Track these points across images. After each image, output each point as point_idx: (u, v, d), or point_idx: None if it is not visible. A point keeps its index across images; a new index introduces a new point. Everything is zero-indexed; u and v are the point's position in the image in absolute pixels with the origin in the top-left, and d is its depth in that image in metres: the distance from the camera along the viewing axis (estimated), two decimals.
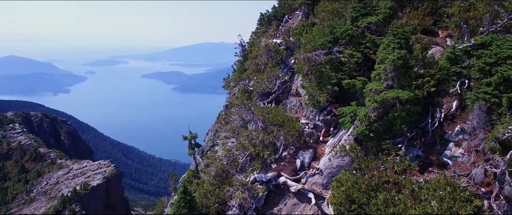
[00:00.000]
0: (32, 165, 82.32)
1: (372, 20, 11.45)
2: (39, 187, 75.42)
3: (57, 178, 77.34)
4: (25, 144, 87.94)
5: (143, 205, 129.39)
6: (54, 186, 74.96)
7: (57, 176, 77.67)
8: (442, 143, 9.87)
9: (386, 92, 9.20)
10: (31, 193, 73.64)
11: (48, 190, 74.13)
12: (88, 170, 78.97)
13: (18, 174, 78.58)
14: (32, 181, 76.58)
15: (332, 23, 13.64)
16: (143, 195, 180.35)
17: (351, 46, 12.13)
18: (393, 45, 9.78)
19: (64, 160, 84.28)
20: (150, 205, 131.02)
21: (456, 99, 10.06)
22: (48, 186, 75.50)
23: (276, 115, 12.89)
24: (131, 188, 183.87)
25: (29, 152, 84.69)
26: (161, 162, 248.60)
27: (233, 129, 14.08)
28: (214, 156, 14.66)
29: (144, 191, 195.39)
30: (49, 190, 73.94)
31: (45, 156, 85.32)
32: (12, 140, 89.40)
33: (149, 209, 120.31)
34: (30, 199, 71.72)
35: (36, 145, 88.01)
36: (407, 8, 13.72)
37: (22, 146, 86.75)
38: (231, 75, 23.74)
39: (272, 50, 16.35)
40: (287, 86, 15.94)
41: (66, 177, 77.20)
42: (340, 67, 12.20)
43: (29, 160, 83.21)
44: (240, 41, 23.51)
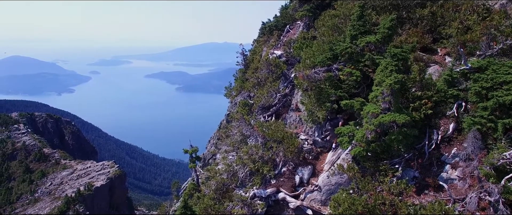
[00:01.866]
0: (36, 166, 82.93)
1: (371, 40, 11.54)
2: (44, 187, 75.99)
3: (61, 178, 77.89)
4: (29, 144, 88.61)
5: (147, 205, 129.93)
6: (58, 186, 75.50)
7: (61, 177, 78.22)
8: (439, 165, 9.95)
9: (383, 116, 9.31)
10: (36, 193, 74.23)
11: (52, 190, 74.68)
12: (92, 171, 79.46)
13: (23, 174, 79.23)
14: (36, 181, 77.19)
15: (332, 39, 13.74)
16: (147, 195, 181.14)
17: (350, 64, 12.24)
18: (390, 67, 9.88)
19: (68, 161, 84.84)
20: (153, 205, 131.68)
21: (453, 121, 10.14)
22: (52, 186, 76.04)
23: (275, 131, 13.03)
24: (135, 188, 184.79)
25: (33, 152, 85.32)
26: (164, 162, 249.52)
27: (233, 144, 14.24)
28: (215, 169, 14.83)
29: (148, 190, 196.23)
30: (54, 190, 74.49)
31: (49, 156, 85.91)
32: (16, 140, 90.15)
33: (152, 208, 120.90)
34: (34, 199, 72.33)
35: (41, 145, 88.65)
36: (406, 24, 13.78)
37: (26, 147, 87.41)
38: (233, 84, 23.88)
39: (273, 64, 16.50)
40: (287, 100, 16.06)
41: (70, 177, 77.73)
42: (339, 84, 12.31)
43: (33, 161, 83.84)
44: (242, 50, 23.64)
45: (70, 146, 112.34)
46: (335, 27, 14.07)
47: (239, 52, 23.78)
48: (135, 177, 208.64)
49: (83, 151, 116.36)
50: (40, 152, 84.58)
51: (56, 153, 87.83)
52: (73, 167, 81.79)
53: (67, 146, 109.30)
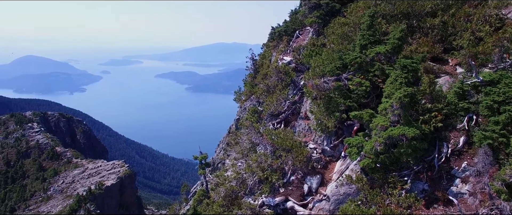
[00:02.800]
0: (49, 164, 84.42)
1: (380, 50, 11.51)
2: (56, 185, 77.30)
3: (72, 177, 79.14)
4: (42, 143, 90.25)
5: (156, 204, 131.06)
6: (70, 185, 76.71)
7: (72, 175, 79.46)
8: (449, 178, 9.87)
9: (392, 129, 9.29)
10: (48, 191, 75.59)
11: (64, 188, 75.93)
12: (102, 170, 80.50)
13: (36, 172, 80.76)
14: (49, 179, 78.60)
15: (341, 47, 13.73)
16: (156, 194, 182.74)
17: (360, 74, 12.22)
18: (400, 79, 9.85)
19: (79, 160, 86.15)
20: (162, 204, 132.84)
21: (464, 134, 10.05)
22: (64, 184, 77.32)
23: (284, 139, 13.10)
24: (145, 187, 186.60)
25: (46, 151, 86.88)
26: (173, 161, 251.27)
27: (242, 151, 14.36)
28: (224, 175, 14.96)
29: (157, 189, 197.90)
30: (65, 188, 75.73)
31: (61, 155, 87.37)
32: (30, 139, 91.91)
33: (161, 207, 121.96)
34: (47, 197, 73.65)
35: (53, 144, 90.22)
36: (417, 33, 13.66)
37: (40, 145, 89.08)
38: (242, 88, 24.00)
39: (282, 72, 16.57)
40: (296, 107, 16.11)
41: (81, 176, 78.90)
42: (348, 94, 12.30)
43: (46, 159, 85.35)
44: (251, 55, 23.73)
45: (82, 145, 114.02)
46: (344, 36, 14.05)
47: (248, 57, 23.90)
48: (145, 176, 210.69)
49: (94, 150, 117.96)
50: (52, 151, 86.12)
51: (68, 152, 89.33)
52: (84, 166, 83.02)
53: (79, 145, 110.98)
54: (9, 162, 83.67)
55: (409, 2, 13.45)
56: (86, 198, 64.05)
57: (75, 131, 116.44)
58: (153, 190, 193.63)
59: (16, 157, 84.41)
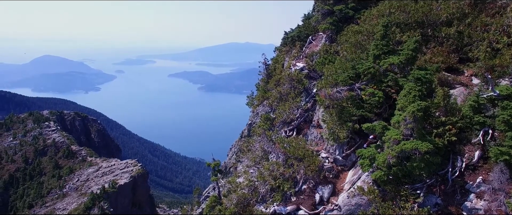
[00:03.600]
0: (64, 162, 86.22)
1: (394, 61, 11.42)
2: (71, 183, 78.86)
3: (87, 175, 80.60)
4: (59, 141, 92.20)
5: (168, 202, 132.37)
6: (85, 183, 78.18)
7: (87, 173, 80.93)
8: (463, 192, 9.74)
9: (405, 143, 9.24)
10: (64, 189, 77.21)
11: (79, 186, 77.41)
12: (116, 169, 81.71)
13: (53, 170, 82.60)
14: (64, 177, 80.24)
15: (355, 56, 13.68)
16: (168, 192, 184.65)
17: (373, 84, 12.16)
18: (414, 92, 9.78)
19: (94, 158, 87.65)
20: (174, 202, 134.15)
21: (479, 149, 9.90)
22: (79, 182, 78.84)
23: (297, 148, 13.14)
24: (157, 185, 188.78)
25: (62, 149, 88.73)
26: (186, 160, 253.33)
27: (255, 159, 14.46)
28: (236, 181, 15.09)
29: (169, 188, 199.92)
30: (80, 186, 77.21)
31: (76, 153, 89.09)
32: (47, 137, 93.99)
33: (173, 206, 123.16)
34: (63, 194, 75.20)
35: (69, 142, 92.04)
36: (431, 43, 13.47)
37: (56, 143, 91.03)
38: (255, 92, 24.11)
39: (295, 79, 16.60)
40: (309, 115, 16.11)
41: (95, 174, 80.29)
42: (361, 104, 12.26)
43: (62, 157, 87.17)
44: (264, 60, 23.81)
45: (96, 143, 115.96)
46: (358, 44, 13.98)
47: (261, 62, 24.00)
48: (157, 175, 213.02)
49: (107, 149, 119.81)
50: (68, 149, 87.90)
51: (83, 150, 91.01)
52: (98, 164, 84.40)
53: (93, 144, 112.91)
54: (27, 159, 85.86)
55: (424, 11, 13.27)
56: (100, 196, 65.19)
57: (89, 130, 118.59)
58: (165, 188, 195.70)
59: (33, 154, 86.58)
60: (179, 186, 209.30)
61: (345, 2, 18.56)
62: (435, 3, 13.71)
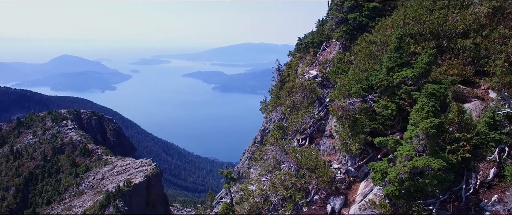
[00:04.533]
0: (81, 160, 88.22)
1: (407, 74, 11.36)
2: (87, 181, 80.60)
3: (103, 173, 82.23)
4: (76, 140, 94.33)
5: (181, 201, 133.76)
6: (100, 181, 79.81)
7: (103, 172, 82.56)
8: (477, 210, 9.61)
9: (417, 159, 9.21)
10: (80, 186, 79.01)
11: (95, 184, 79.09)
12: (131, 168, 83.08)
13: (70, 167, 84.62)
14: (81, 175, 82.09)
15: (368, 67, 13.64)
16: (181, 191, 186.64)
17: (386, 96, 12.11)
18: (427, 108, 9.72)
19: (109, 157, 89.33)
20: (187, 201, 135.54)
21: (494, 166, 9.75)
22: (95, 180, 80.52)
23: (309, 158, 13.20)
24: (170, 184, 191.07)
25: (79, 147, 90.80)
26: (199, 160, 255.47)
27: (267, 168, 14.59)
28: (248, 188, 15.25)
29: (183, 187, 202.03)
30: (96, 184, 78.88)
31: (92, 152, 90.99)
32: (65, 135, 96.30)
33: (186, 205, 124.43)
34: (79, 191, 76.99)
35: (85, 141, 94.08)
36: (447, 54, 13.29)
37: (73, 142, 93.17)
38: (268, 98, 24.24)
39: (308, 89, 16.64)
40: (321, 124, 16.14)
41: (111, 173, 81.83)
42: (374, 116, 12.23)
43: (79, 155, 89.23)
44: (278, 66, 23.91)
45: (111, 142, 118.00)
46: (371, 55, 13.93)
47: (274, 68, 24.11)
48: (171, 174, 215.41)
49: (123, 148, 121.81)
50: (84, 148, 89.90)
51: (99, 149, 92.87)
52: (113, 163, 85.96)
53: (109, 143, 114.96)
54: (46, 157, 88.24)
55: (439, 22, 13.11)
56: (115, 195, 66.42)
57: (105, 129, 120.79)
58: (179, 187, 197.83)
59: (52, 152, 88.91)
60: (192, 185, 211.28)
61: (359, 10, 18.50)
62: (451, 14, 13.52)
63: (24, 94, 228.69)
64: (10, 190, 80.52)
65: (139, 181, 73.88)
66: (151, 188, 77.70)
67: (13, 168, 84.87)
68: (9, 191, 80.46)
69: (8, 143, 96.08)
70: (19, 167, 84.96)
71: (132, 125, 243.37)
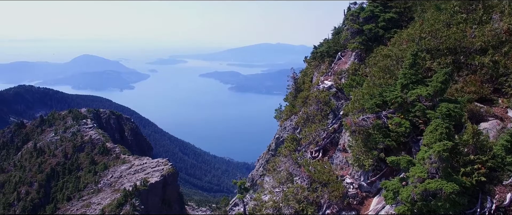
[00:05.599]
0: (100, 158, 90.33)
1: (422, 93, 11.26)
2: (106, 179, 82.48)
3: (120, 172, 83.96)
4: (95, 138, 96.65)
5: (197, 200, 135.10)
6: (118, 179, 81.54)
7: (120, 170, 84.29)
8: None
9: (429, 181, 9.15)
10: (99, 184, 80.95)
11: (113, 182, 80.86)
12: (147, 167, 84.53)
13: (89, 165, 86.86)
14: (99, 173, 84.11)
15: (382, 81, 13.57)
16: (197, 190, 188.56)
17: (400, 113, 12.05)
18: (441, 129, 9.63)
19: (127, 156, 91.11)
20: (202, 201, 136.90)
21: (511, 191, 9.57)
22: (113, 179, 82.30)
23: (322, 172, 13.27)
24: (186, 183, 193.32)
25: (98, 146, 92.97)
26: (215, 159, 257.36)
27: (280, 180, 14.73)
28: (261, 198, 15.43)
29: (198, 186, 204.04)
30: (114, 182, 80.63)
31: (111, 150, 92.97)
32: (84, 134, 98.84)
33: (202, 204, 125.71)
34: (98, 189, 78.90)
35: (104, 140, 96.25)
36: (464, 70, 13.06)
37: (92, 140, 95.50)
38: (282, 106, 24.36)
39: (322, 102, 16.68)
40: (335, 137, 16.15)
41: (128, 172, 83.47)
42: (387, 132, 12.18)
43: (98, 153, 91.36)
44: (293, 74, 23.99)
45: (129, 141, 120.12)
46: (386, 69, 13.84)
47: (290, 76, 24.21)
48: (187, 173, 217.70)
49: (140, 147, 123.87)
50: (103, 146, 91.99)
51: (117, 148, 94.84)
52: (131, 162, 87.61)
53: (126, 142, 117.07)
54: (67, 154, 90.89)
55: (457, 37, 12.91)
56: (132, 194, 67.78)
57: (123, 128, 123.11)
58: (194, 186, 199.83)
59: (72, 150, 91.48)
60: (207, 185, 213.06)
61: (375, 21, 18.36)
62: (469, 29, 13.28)
63: (47, 93, 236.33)
64: (34, 185, 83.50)
65: (156, 180, 75.09)
66: (167, 188, 78.85)
67: (36, 165, 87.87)
68: (32, 187, 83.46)
69: (32, 140, 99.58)
70: (41, 164, 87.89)
71: (149, 124, 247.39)
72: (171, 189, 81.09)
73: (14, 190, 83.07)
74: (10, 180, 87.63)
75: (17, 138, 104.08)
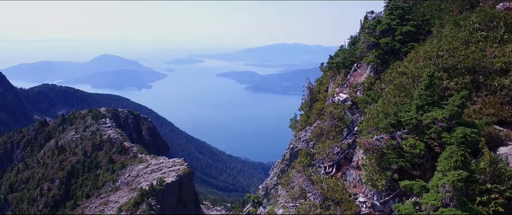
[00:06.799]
0: (118, 157, 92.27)
1: (437, 116, 11.08)
2: (123, 177, 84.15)
3: (137, 171, 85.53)
4: (113, 137, 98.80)
5: (212, 199, 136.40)
6: (135, 178, 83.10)
7: (137, 169, 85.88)
8: None
9: (443, 210, 9.04)
10: (116, 182, 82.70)
11: (130, 181, 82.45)
12: (164, 167, 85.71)
13: (107, 164, 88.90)
14: (117, 171, 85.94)
15: (398, 100, 13.43)
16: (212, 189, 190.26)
17: (415, 134, 11.91)
18: (456, 157, 9.48)
19: (144, 155, 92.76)
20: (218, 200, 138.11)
21: None
22: (130, 178, 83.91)
23: (334, 190, 13.27)
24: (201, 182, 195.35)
25: (116, 145, 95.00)
26: (230, 159, 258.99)
27: (293, 195, 14.81)
28: (274, 211, 15.54)
29: (213, 185, 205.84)
30: (131, 181, 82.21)
31: (128, 149, 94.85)
32: (103, 133, 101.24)
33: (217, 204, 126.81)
34: (115, 187, 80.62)
35: (122, 139, 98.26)
36: (483, 90, 12.74)
37: (111, 139, 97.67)
38: (297, 115, 24.38)
39: (337, 118, 16.63)
40: (349, 153, 16.09)
41: (144, 171, 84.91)
42: (402, 153, 12.06)
43: (115, 152, 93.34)
44: (308, 84, 23.98)
45: (146, 140, 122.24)
46: (402, 87, 13.69)
47: (305, 86, 24.22)
48: (203, 172, 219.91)
49: (156, 146, 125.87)
50: (121, 145, 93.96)
51: (134, 147, 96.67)
52: (148, 161, 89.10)
53: (143, 141, 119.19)
54: (86, 153, 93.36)
55: (475, 57, 12.63)
56: (148, 193, 68.95)
57: (141, 128, 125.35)
58: (210, 185, 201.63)
59: (91, 148, 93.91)
60: (223, 184, 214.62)
61: (392, 34, 18.14)
62: (489, 48, 12.96)
63: (68, 91, 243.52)
64: (55, 182, 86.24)
65: (171, 180, 76.05)
66: (183, 188, 79.76)
67: (58, 162, 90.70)
68: (54, 183, 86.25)
69: (53, 138, 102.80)
70: (62, 161, 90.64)
71: (166, 123, 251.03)
72: (186, 189, 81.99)
73: (37, 186, 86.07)
74: (33, 176, 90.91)
75: (40, 136, 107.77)
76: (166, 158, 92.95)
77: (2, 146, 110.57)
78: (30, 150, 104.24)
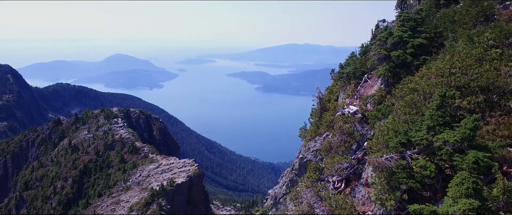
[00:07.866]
0: (129, 157, 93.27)
1: (449, 138, 10.90)
2: (134, 177, 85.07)
3: (148, 171, 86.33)
4: (125, 137, 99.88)
5: (222, 199, 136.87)
6: (146, 178, 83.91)
7: (148, 169, 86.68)
8: None
9: None
10: (128, 182, 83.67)
11: (141, 181, 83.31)
12: (174, 167, 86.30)
13: (119, 163, 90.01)
14: (129, 171, 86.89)
15: (408, 117, 13.25)
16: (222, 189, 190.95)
17: (425, 154, 11.74)
18: (467, 184, 9.32)
19: (155, 155, 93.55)
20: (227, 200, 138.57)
21: None
22: (141, 177, 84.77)
23: (343, 207, 13.19)
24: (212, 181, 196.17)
25: (127, 144, 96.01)
26: (241, 159, 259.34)
27: (301, 211, 14.76)
28: None
29: (223, 185, 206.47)
30: (142, 181, 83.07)
31: (140, 149, 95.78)
32: (115, 132, 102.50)
33: (226, 203, 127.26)
34: (127, 187, 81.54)
35: (133, 139, 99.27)
36: (496, 110, 12.47)
37: (122, 139, 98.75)
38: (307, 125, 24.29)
39: (346, 133, 16.51)
40: (358, 168, 15.95)
41: (155, 171, 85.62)
42: (412, 173, 11.91)
43: (127, 152, 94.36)
44: (318, 94, 23.86)
45: (157, 140, 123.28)
46: (413, 105, 13.50)
47: (315, 96, 24.11)
48: (213, 171, 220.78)
49: (167, 146, 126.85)
50: (133, 145, 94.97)
51: (145, 147, 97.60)
52: (158, 161, 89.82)
53: (155, 141, 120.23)
54: (98, 152, 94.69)
55: (489, 76, 12.37)
56: (159, 193, 69.60)
57: (152, 128, 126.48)
58: (220, 185, 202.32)
59: (103, 148, 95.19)
60: (233, 184, 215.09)
61: (403, 47, 17.90)
62: (504, 67, 12.68)
63: (82, 90, 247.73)
64: (68, 181, 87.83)
65: (182, 181, 76.55)
66: (193, 188, 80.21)
67: (71, 161, 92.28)
68: (67, 182, 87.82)
69: (67, 137, 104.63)
70: (75, 160, 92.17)
71: (177, 122, 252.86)
72: (197, 189, 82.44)
73: (51, 184, 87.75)
74: (47, 174, 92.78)
75: (54, 134, 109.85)
76: (177, 159, 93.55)
77: (18, 144, 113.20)
78: (44, 149, 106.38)
